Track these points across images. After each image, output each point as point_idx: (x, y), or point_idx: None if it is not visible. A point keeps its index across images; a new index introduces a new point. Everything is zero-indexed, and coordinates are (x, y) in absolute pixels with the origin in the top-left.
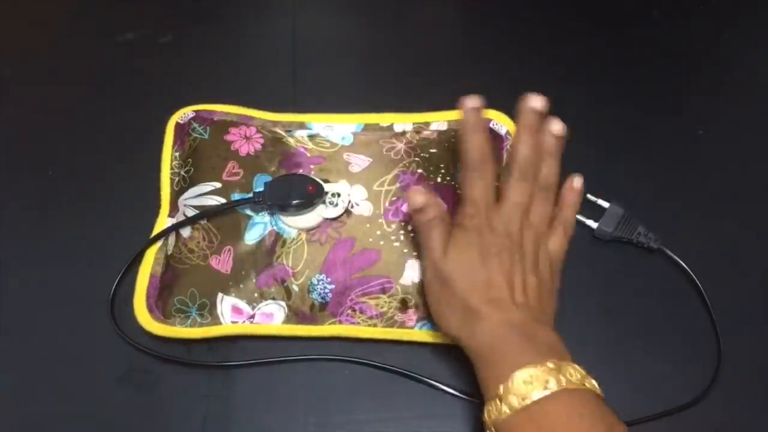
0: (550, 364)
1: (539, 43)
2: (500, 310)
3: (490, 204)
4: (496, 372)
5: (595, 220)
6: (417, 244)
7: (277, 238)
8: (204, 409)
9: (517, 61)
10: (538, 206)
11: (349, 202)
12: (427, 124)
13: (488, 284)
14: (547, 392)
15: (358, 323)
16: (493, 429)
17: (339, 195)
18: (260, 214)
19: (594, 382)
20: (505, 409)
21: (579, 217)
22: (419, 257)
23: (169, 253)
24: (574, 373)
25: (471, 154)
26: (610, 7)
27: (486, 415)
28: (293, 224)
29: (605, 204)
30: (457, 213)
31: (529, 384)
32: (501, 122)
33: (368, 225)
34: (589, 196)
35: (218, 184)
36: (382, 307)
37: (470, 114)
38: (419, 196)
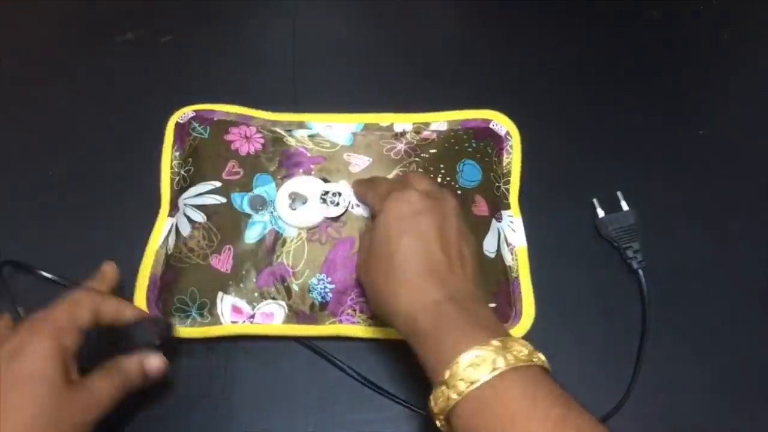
0: (496, 342)
1: (539, 43)
2: (440, 284)
3: (393, 188)
4: (440, 355)
5: (606, 213)
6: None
7: (277, 237)
8: (204, 409)
9: (516, 61)
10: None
11: (349, 202)
12: (427, 124)
13: (425, 254)
14: (496, 373)
15: (358, 322)
16: (441, 417)
17: (340, 194)
18: (260, 213)
19: (541, 356)
20: (452, 395)
21: (594, 201)
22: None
23: (170, 252)
24: (521, 349)
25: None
26: (610, 8)
27: (432, 402)
28: (293, 223)
29: (625, 206)
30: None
31: (476, 366)
32: (501, 123)
33: (368, 224)
34: (618, 193)
35: (218, 183)
36: None
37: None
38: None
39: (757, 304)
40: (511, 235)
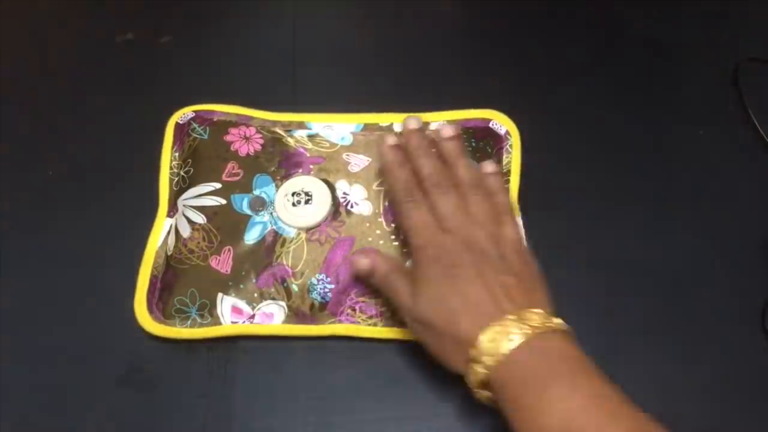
0: (510, 316)
1: (539, 43)
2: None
3: (432, 225)
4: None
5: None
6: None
7: (277, 237)
8: (204, 409)
9: (517, 61)
10: (474, 206)
11: (348, 201)
12: (427, 124)
13: (471, 306)
14: (513, 344)
15: (358, 322)
16: (480, 390)
17: (309, 194)
18: (260, 213)
19: (557, 320)
20: (481, 369)
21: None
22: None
23: (169, 253)
24: (535, 318)
25: (397, 189)
26: (610, 7)
27: (471, 378)
28: (293, 223)
29: None
30: (409, 249)
31: (494, 342)
32: (501, 122)
33: (368, 224)
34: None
35: (218, 185)
36: (382, 306)
37: (388, 152)
38: (362, 260)
39: (757, 304)
40: None
